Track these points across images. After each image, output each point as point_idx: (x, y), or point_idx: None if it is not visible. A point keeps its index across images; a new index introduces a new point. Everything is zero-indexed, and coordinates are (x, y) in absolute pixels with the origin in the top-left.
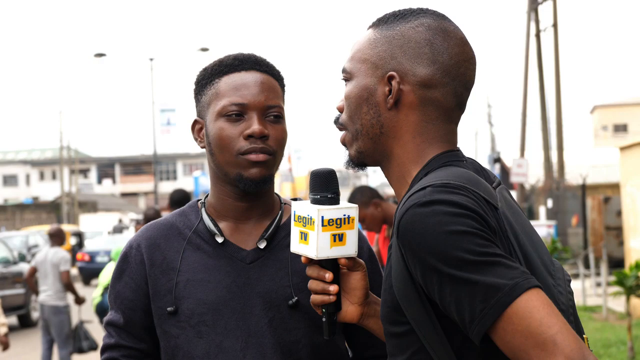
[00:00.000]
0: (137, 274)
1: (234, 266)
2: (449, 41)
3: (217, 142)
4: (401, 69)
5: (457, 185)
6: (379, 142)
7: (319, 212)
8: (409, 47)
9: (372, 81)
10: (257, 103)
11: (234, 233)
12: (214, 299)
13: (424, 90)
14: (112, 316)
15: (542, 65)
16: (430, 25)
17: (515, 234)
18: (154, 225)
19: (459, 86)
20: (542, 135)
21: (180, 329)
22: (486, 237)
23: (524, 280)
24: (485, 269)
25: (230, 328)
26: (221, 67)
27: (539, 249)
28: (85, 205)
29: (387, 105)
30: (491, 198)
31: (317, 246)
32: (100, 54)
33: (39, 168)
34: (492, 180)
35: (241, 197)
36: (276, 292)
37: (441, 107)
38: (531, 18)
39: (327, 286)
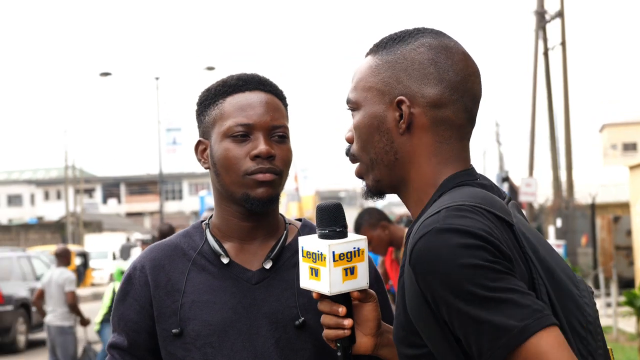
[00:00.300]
0: (141, 295)
1: (240, 287)
2: (453, 58)
3: (223, 162)
4: (409, 92)
5: (471, 207)
6: (394, 169)
7: (329, 247)
8: (413, 69)
9: (381, 108)
10: (263, 123)
11: (239, 254)
12: (220, 320)
13: (434, 110)
14: (116, 339)
15: (551, 83)
16: (431, 44)
17: (535, 249)
18: (158, 246)
19: (468, 101)
20: (550, 154)
21: (186, 351)
22: (499, 269)
23: (534, 320)
24: (495, 307)
25: (237, 349)
26: (225, 87)
27: (559, 261)
28: (90, 225)
29: (400, 131)
30: (506, 215)
31: (330, 282)
32: (106, 73)
33: (43, 188)
34: (503, 197)
35: (246, 217)
36: (282, 312)
37: (454, 125)
38: (539, 36)
39: (341, 321)
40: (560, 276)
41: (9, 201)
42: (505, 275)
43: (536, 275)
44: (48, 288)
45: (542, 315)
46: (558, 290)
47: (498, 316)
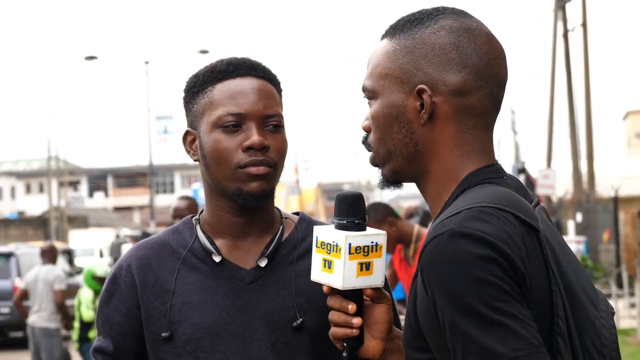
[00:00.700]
0: (127, 297)
1: (233, 287)
2: (476, 40)
3: (214, 155)
4: (430, 80)
5: (494, 210)
6: (414, 161)
7: (346, 238)
8: (434, 55)
9: (400, 97)
10: (255, 112)
11: (232, 251)
12: (212, 322)
13: (458, 98)
14: (101, 342)
15: (571, 67)
16: (452, 26)
17: (557, 260)
18: (145, 244)
19: (494, 87)
20: (570, 143)
21: (176, 356)
22: (506, 290)
23: (527, 355)
24: (490, 329)
25: (231, 353)
26: (214, 73)
27: (581, 277)
28: (75, 221)
29: (421, 121)
30: (533, 220)
31: (343, 276)
32: (92, 56)
33: (25, 180)
34: (532, 199)
35: (239, 212)
36: (279, 313)
37: (478, 114)
38: (558, 17)
39: (350, 319)
40: (580, 294)
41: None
42: (511, 298)
43: (555, 288)
44: (33, 287)
45: (537, 352)
46: (575, 308)
47: (490, 339)
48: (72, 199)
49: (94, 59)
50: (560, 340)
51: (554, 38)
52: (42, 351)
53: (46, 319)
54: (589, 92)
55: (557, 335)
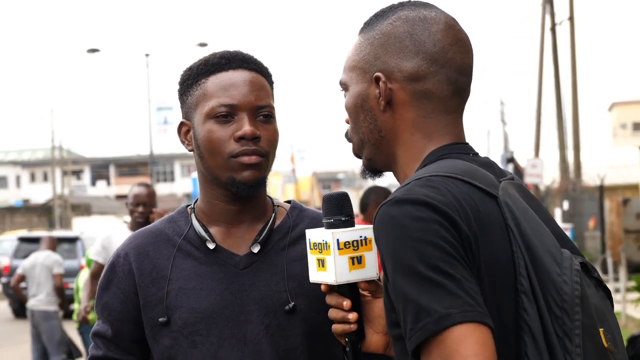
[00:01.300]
0: (125, 284)
1: (227, 272)
2: (430, 28)
3: (207, 145)
4: (386, 67)
5: (442, 179)
6: (381, 147)
7: (333, 235)
8: (389, 44)
9: (363, 87)
10: (247, 103)
11: (226, 238)
12: (207, 307)
13: (413, 84)
14: (100, 327)
15: (558, 60)
16: (408, 16)
17: (518, 223)
18: (141, 233)
19: (450, 72)
20: (557, 134)
21: (173, 340)
22: (447, 250)
23: (459, 312)
24: (428, 288)
25: (225, 337)
26: (207, 66)
27: (544, 238)
28: (79, 208)
29: (381, 108)
30: (490, 187)
31: (336, 271)
32: (94, 49)
33: (29, 169)
34: (505, 174)
35: (232, 201)
36: (272, 297)
37: (436, 98)
38: (546, 10)
39: (346, 314)
40: (540, 253)
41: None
42: (450, 258)
43: (516, 249)
44: (31, 272)
45: (471, 310)
46: (537, 267)
47: (425, 298)
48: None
49: (96, 52)
50: (524, 298)
51: (541, 32)
52: (43, 334)
53: (45, 302)
54: (576, 84)
55: (521, 293)
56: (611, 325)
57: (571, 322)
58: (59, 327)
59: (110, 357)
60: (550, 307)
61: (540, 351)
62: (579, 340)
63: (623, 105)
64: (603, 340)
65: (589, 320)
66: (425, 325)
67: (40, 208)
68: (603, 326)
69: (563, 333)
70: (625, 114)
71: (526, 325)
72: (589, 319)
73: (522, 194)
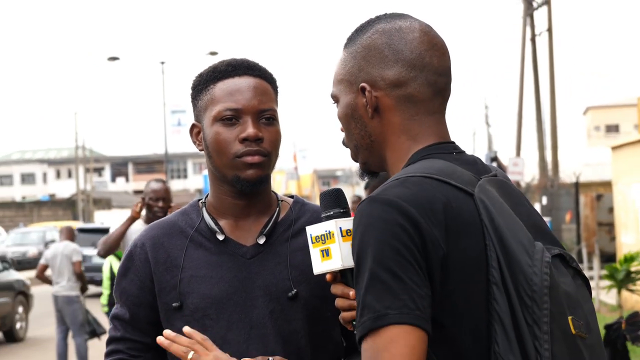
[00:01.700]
0: (142, 271)
1: (235, 262)
2: (406, 37)
3: (214, 145)
4: (370, 78)
5: (418, 178)
6: (373, 151)
7: (336, 223)
8: (371, 56)
9: (351, 97)
10: (251, 107)
11: (234, 230)
12: (217, 293)
13: (396, 90)
14: (118, 310)
15: (538, 68)
16: (384, 28)
17: (492, 218)
18: (157, 224)
19: (430, 75)
20: (537, 135)
21: (185, 323)
22: (402, 252)
23: (397, 313)
24: (375, 286)
25: (234, 321)
26: (215, 73)
27: (517, 231)
28: (100, 202)
29: (369, 115)
30: (466, 186)
31: (341, 256)
32: (114, 57)
33: (55, 167)
34: (488, 172)
35: (239, 196)
36: (276, 285)
37: (419, 101)
38: (527, 23)
39: (353, 303)
40: (512, 246)
41: (22, 179)
42: (404, 261)
43: (489, 242)
44: (53, 261)
45: (408, 312)
46: (509, 259)
47: (371, 296)
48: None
49: (116, 60)
50: (494, 288)
51: (522, 42)
52: (66, 317)
53: (67, 288)
54: (554, 90)
55: (492, 284)
56: (585, 311)
57: (540, 310)
58: (81, 310)
59: (128, 338)
60: (520, 296)
61: (509, 337)
62: (547, 327)
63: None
64: (571, 327)
65: (558, 308)
66: (366, 321)
67: (65, 202)
68: (574, 314)
69: (532, 321)
70: (599, 117)
71: (496, 314)
72: (557, 307)
73: (502, 190)
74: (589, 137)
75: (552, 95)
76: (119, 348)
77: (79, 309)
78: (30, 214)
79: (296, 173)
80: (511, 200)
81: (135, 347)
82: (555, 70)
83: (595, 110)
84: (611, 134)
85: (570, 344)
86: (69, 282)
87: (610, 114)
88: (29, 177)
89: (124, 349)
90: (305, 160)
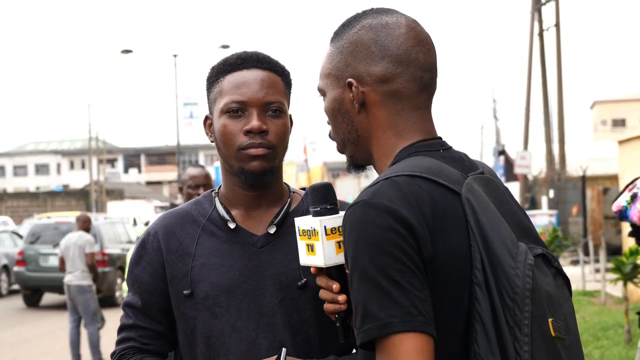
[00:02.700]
0: (154, 259)
1: (246, 250)
2: (393, 33)
3: (221, 137)
4: (357, 73)
5: (406, 178)
6: (359, 145)
7: (320, 222)
8: (358, 51)
9: (338, 92)
10: (256, 100)
11: (246, 220)
12: (228, 281)
13: (382, 86)
14: (130, 298)
15: (545, 62)
16: (371, 24)
17: (478, 219)
18: (170, 214)
19: (416, 71)
20: (544, 129)
21: (196, 311)
22: (400, 258)
23: (401, 321)
24: (376, 294)
25: (243, 309)
26: (225, 66)
27: (501, 233)
28: (113, 193)
29: (356, 110)
30: (453, 184)
31: (324, 255)
32: (127, 50)
33: (69, 158)
34: (475, 169)
35: (249, 187)
36: (286, 274)
37: (405, 97)
38: (535, 18)
39: (336, 296)
40: (496, 247)
41: (37, 170)
42: (402, 266)
43: (473, 243)
44: (66, 252)
45: (412, 319)
46: (492, 260)
47: (372, 303)
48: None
49: (129, 53)
50: (477, 289)
51: (530, 36)
52: (79, 305)
53: (79, 277)
54: (561, 84)
55: (475, 285)
56: (565, 312)
57: (521, 312)
58: (93, 299)
59: (139, 325)
60: (502, 298)
61: (490, 338)
62: (527, 329)
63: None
64: (551, 330)
65: (539, 310)
66: (368, 329)
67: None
68: (554, 315)
69: (514, 323)
70: (606, 112)
71: (478, 315)
72: (538, 309)
73: (488, 188)
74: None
75: (560, 90)
76: (131, 336)
77: (91, 298)
78: (44, 204)
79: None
80: (496, 198)
81: (146, 334)
82: (562, 65)
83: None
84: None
85: (549, 346)
86: (82, 273)
87: (617, 108)
88: (43, 167)
89: (135, 336)
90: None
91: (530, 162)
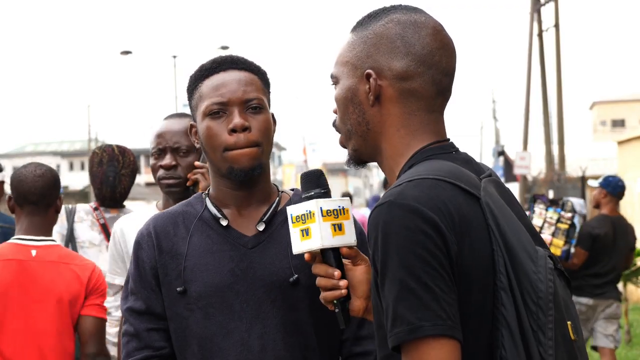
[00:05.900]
0: (150, 259)
1: (237, 252)
2: (420, 32)
3: (207, 140)
4: (377, 65)
5: (431, 182)
6: (368, 139)
7: (317, 203)
8: (382, 44)
9: (354, 82)
10: (236, 99)
11: (236, 218)
12: (219, 282)
13: (401, 82)
14: (133, 303)
15: (545, 63)
16: (400, 19)
17: (498, 223)
18: (162, 214)
19: (436, 74)
20: (544, 129)
21: (189, 311)
22: (429, 261)
23: (431, 325)
24: (406, 297)
25: (235, 310)
26: (202, 71)
27: (521, 237)
28: None
29: (370, 103)
30: (473, 189)
31: (321, 235)
32: (126, 51)
33: (68, 159)
34: (483, 172)
35: (238, 187)
36: (277, 274)
37: (422, 97)
38: (534, 19)
39: (337, 282)
40: (518, 252)
41: None
42: (431, 269)
43: (496, 247)
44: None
45: (442, 323)
46: (515, 265)
47: (402, 306)
48: None
49: (128, 54)
50: (503, 294)
51: (530, 37)
52: None
53: None
54: (561, 85)
55: (500, 289)
56: (572, 314)
57: (545, 317)
58: None
59: (151, 327)
60: (526, 302)
61: (516, 342)
62: (551, 333)
63: (603, 104)
64: (570, 333)
65: (560, 314)
66: (399, 332)
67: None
68: (570, 318)
69: (537, 327)
70: (605, 112)
71: (503, 319)
72: (559, 313)
73: (499, 190)
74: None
75: (559, 90)
76: (142, 345)
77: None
78: None
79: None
80: (507, 200)
81: (160, 337)
82: (562, 65)
83: (601, 105)
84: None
85: (570, 349)
86: None
87: (616, 108)
88: None
89: (149, 342)
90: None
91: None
